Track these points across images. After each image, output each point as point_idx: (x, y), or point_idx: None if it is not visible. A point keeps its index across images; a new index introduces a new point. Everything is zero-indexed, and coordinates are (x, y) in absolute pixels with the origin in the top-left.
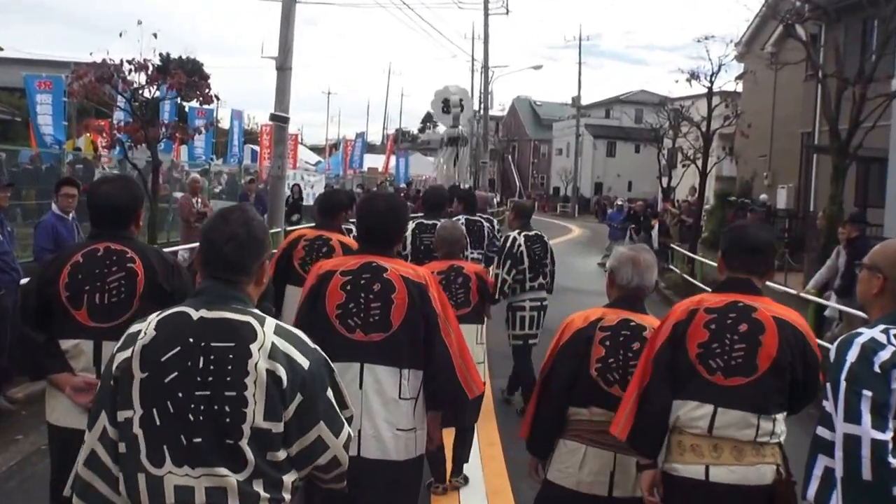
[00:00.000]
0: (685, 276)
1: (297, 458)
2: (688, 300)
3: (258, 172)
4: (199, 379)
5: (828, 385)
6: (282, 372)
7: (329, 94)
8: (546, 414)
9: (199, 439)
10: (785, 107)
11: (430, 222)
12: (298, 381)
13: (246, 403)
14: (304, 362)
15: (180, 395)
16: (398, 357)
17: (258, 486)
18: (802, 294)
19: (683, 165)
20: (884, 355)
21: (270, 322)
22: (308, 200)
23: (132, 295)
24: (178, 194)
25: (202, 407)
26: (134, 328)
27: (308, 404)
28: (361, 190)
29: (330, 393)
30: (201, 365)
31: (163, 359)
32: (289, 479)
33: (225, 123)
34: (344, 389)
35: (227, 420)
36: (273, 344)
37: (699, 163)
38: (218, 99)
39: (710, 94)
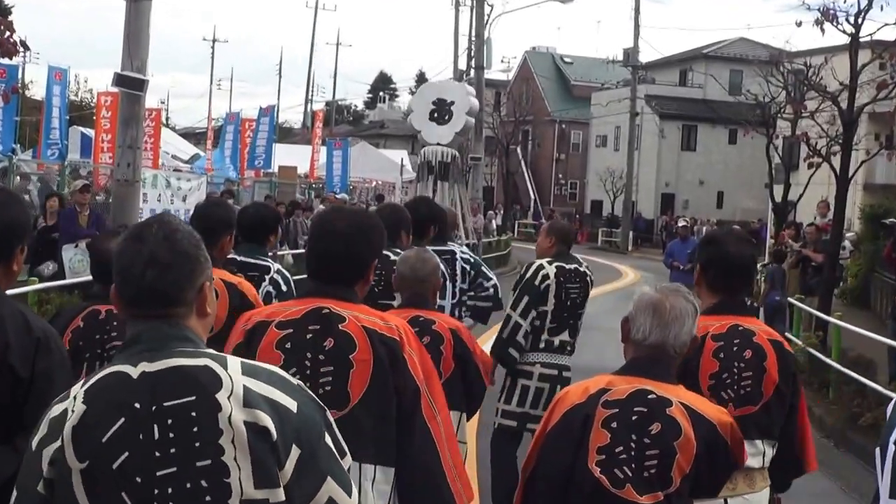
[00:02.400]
0: (811, 349)
1: None
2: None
3: (93, 174)
4: (157, 454)
5: (877, 450)
6: (266, 421)
7: (214, 42)
8: None
9: None
10: None
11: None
12: (290, 429)
13: (227, 472)
14: (292, 404)
15: (138, 480)
16: (358, 446)
17: None
18: None
19: (810, 165)
20: None
21: (234, 360)
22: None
23: None
24: None
25: (170, 490)
26: (55, 410)
27: (308, 458)
28: (272, 202)
29: (328, 439)
30: (157, 435)
31: (104, 438)
32: None
33: (38, 90)
34: (337, 431)
35: (208, 498)
36: (245, 387)
37: (836, 161)
38: (27, 49)
39: (854, 45)
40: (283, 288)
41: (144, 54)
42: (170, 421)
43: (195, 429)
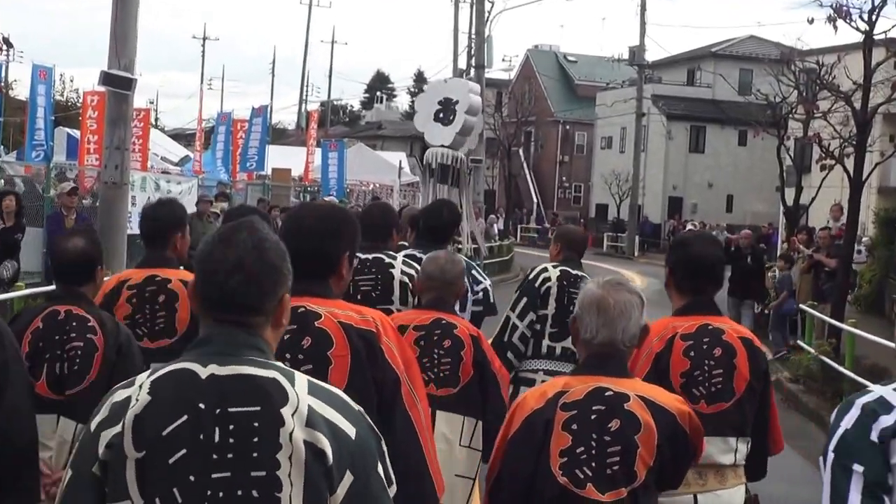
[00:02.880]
0: (824, 357)
1: None
2: (659, 324)
3: (79, 176)
4: (215, 457)
5: (820, 459)
6: (325, 444)
7: (205, 40)
8: None
9: None
10: None
11: (367, 257)
12: (346, 455)
13: (279, 486)
14: (351, 430)
15: (192, 479)
16: None
17: None
18: None
19: (822, 168)
20: (886, 420)
21: (301, 378)
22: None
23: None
24: None
25: (221, 493)
26: (119, 395)
27: (361, 487)
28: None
29: (381, 468)
30: (217, 438)
31: (165, 432)
32: None
33: (22, 90)
34: (388, 462)
35: None
36: (310, 407)
37: (849, 163)
38: (10, 46)
39: (867, 43)
40: None
41: (132, 52)
42: (231, 427)
43: (255, 439)
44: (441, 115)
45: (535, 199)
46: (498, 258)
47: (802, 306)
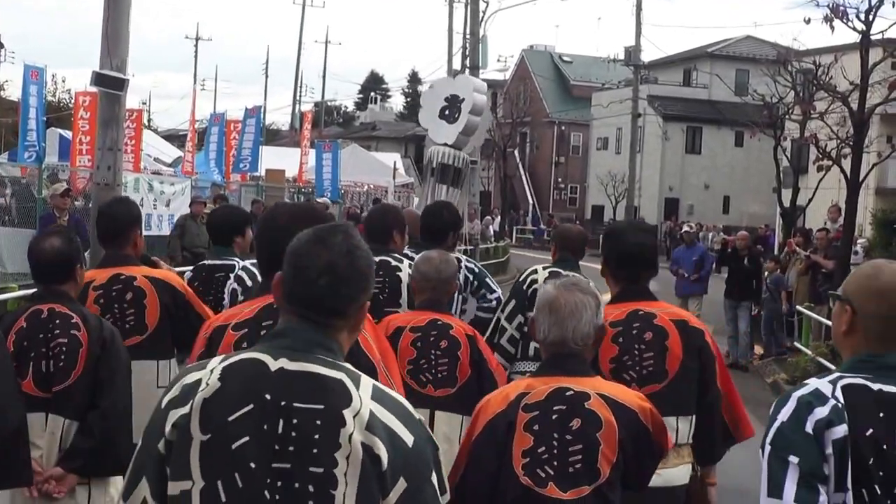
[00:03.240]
0: (821, 359)
1: None
2: None
3: (72, 177)
4: (276, 448)
5: (760, 450)
6: (381, 449)
7: (197, 40)
8: None
9: None
10: None
11: (374, 259)
12: (401, 462)
13: (335, 484)
14: (409, 438)
15: (252, 465)
16: None
17: None
18: None
19: (819, 169)
20: (820, 412)
21: (367, 382)
22: (161, 228)
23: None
24: None
25: (279, 483)
26: (190, 377)
27: (413, 493)
28: (259, 207)
29: (435, 478)
30: (280, 430)
31: (231, 418)
32: None
33: (14, 91)
34: (444, 471)
35: (311, 502)
36: (371, 412)
37: (847, 164)
38: (0, 46)
39: (865, 43)
40: (248, 283)
41: (124, 52)
42: (295, 421)
43: (317, 436)
44: (447, 111)
45: (530, 201)
46: (494, 259)
47: (799, 308)
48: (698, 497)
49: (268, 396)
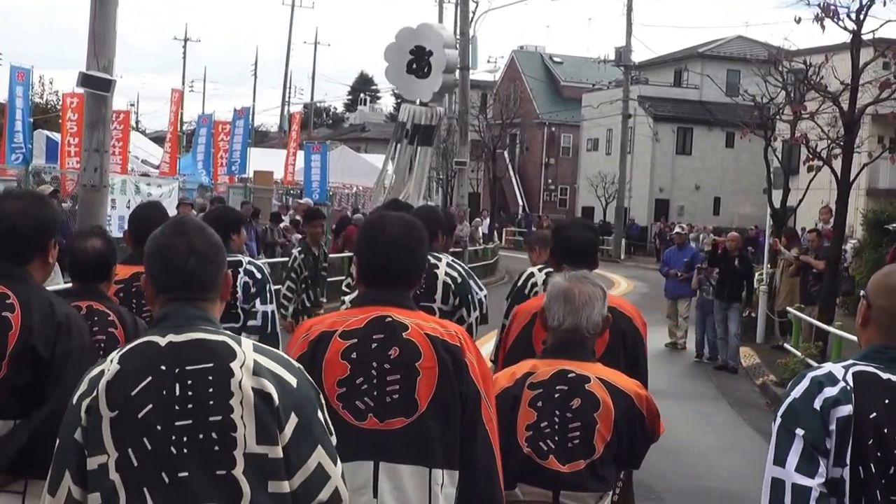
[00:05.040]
0: (810, 360)
1: (300, 491)
2: (527, 305)
3: (60, 179)
4: (177, 408)
5: (772, 423)
6: (270, 388)
7: (186, 41)
8: None
9: (184, 473)
10: None
11: None
12: (290, 400)
13: (234, 427)
14: (293, 380)
15: (158, 428)
16: (428, 451)
17: None
18: None
19: (810, 169)
20: (829, 392)
21: (247, 341)
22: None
23: (1, 354)
24: None
25: (185, 438)
26: (94, 370)
27: (304, 426)
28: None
29: (321, 415)
30: (178, 392)
31: (133, 392)
32: None
33: (0, 93)
34: (327, 414)
35: (216, 448)
36: (255, 361)
37: (837, 165)
38: None
39: (855, 42)
40: (258, 275)
41: (111, 53)
42: (189, 381)
43: (210, 389)
44: (414, 65)
45: (520, 202)
46: (483, 261)
47: (790, 309)
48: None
49: (163, 367)
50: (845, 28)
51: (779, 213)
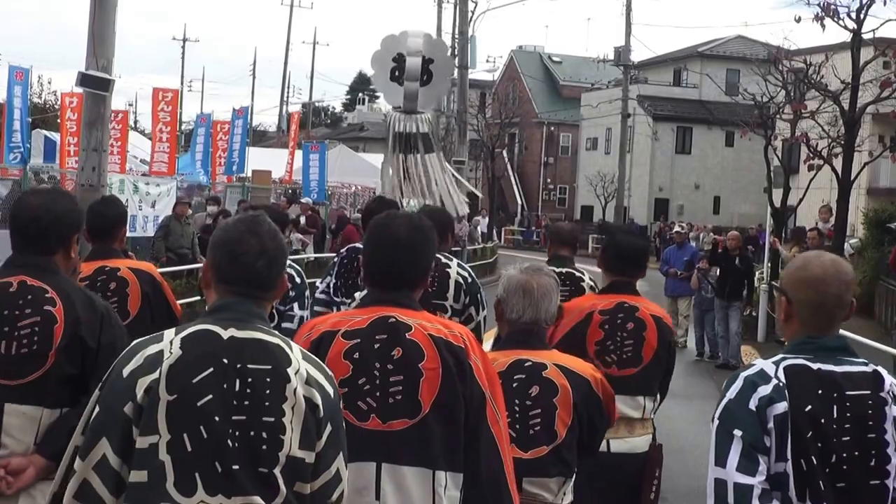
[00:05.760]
0: None
1: (317, 493)
2: (578, 302)
3: (60, 179)
4: (234, 402)
5: (710, 425)
6: (318, 399)
7: (184, 41)
8: None
9: (236, 466)
10: None
11: None
12: (329, 411)
13: (284, 430)
14: (331, 390)
15: (217, 419)
16: (431, 453)
17: None
18: None
19: (810, 168)
20: (763, 390)
21: (296, 347)
22: (146, 229)
23: (48, 347)
24: None
25: (238, 433)
26: (151, 349)
27: (335, 434)
28: (245, 207)
29: (343, 422)
30: (237, 388)
31: (194, 380)
32: None
33: None
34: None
35: (264, 447)
36: (308, 371)
37: (838, 164)
38: None
39: (856, 41)
40: (297, 280)
41: (110, 53)
42: (249, 379)
43: (267, 391)
44: (396, 73)
45: (519, 202)
46: (482, 260)
47: None
48: (653, 460)
49: (225, 360)
50: (845, 27)
51: (779, 212)
